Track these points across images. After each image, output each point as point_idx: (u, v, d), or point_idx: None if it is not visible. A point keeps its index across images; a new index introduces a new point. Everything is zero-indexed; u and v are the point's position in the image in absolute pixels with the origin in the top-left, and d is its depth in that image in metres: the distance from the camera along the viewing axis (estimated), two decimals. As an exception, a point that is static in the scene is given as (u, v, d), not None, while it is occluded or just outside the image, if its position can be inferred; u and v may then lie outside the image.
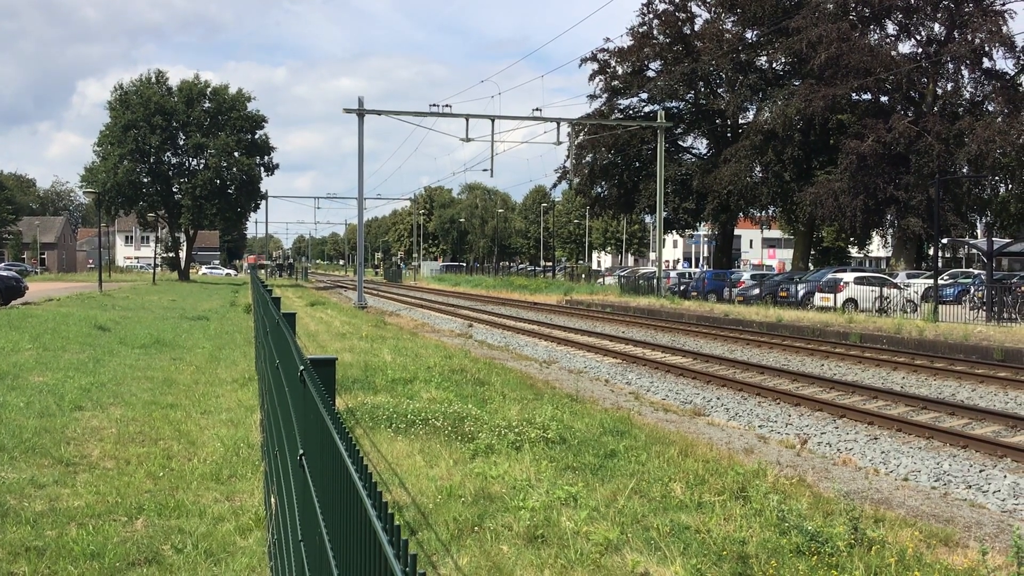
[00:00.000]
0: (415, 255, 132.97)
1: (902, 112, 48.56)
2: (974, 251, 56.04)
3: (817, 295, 38.41)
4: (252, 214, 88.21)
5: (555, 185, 68.59)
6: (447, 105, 45.84)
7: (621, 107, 61.31)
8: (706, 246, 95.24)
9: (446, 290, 71.28)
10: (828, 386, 18.00)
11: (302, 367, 3.60)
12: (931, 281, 35.39)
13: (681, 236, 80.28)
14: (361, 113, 46.11)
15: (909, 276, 43.34)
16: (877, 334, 27.12)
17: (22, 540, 6.56)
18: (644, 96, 60.29)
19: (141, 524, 7.14)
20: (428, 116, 46.21)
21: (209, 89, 78.63)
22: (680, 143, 62.52)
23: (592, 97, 61.27)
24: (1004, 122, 45.64)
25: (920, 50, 50.51)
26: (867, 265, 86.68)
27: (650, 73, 59.86)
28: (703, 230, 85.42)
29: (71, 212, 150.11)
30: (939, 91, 49.54)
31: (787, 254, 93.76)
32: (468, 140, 47.08)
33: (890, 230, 54.96)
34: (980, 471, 11.22)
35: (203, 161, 78.10)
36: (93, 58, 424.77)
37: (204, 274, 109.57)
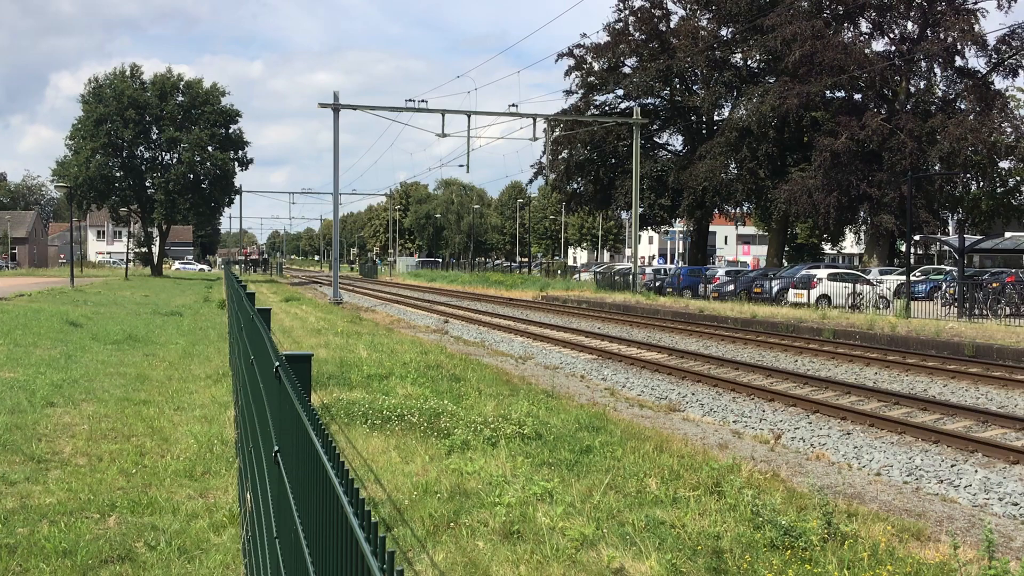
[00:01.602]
0: (391, 251, 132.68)
1: (875, 110, 48.89)
2: (946, 248, 56.59)
3: (791, 291, 38.66)
4: (226, 209, 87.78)
5: (531, 181, 68.61)
6: (423, 100, 45.80)
7: (597, 103, 61.40)
8: (681, 242, 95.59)
9: (422, 286, 71.15)
10: (802, 382, 18.11)
11: (277, 363, 3.58)
12: (903, 277, 35.68)
13: (656, 232, 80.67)
14: (336, 108, 45.92)
15: (882, 272, 43.69)
16: (850, 330, 27.33)
17: (-8, 538, 6.49)
18: (620, 92, 60.40)
19: (114, 521, 7.08)
20: (404, 111, 46.10)
21: (183, 83, 78.03)
22: (656, 140, 62.69)
23: (568, 93, 61.33)
24: (976, 120, 46.05)
25: (893, 48, 50.88)
26: (840, 261, 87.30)
27: (626, 70, 59.95)
28: (678, 226, 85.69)
29: (42, 207, 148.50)
30: (912, 89, 49.96)
31: (761, 250, 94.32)
32: (444, 136, 47.05)
33: (863, 227, 55.36)
34: (952, 466, 11.33)
35: (176, 155, 77.48)
36: (67, 51, 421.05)
37: (177, 269, 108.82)
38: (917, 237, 50.39)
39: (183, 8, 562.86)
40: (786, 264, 58.91)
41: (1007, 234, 59.15)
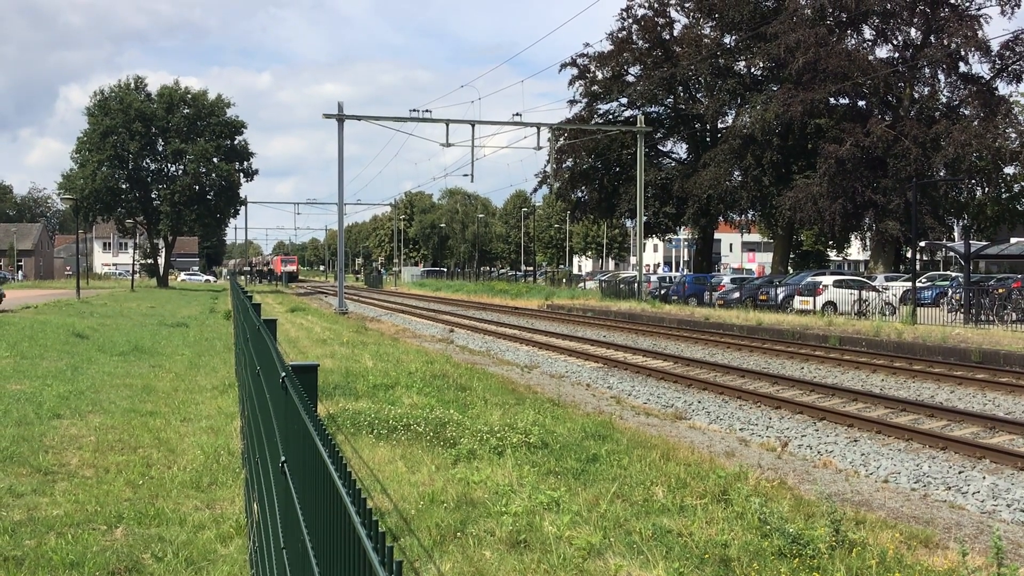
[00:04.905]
0: (396, 260, 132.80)
1: (879, 116, 48.87)
2: (951, 254, 56.46)
3: (796, 298, 38.58)
4: (232, 220, 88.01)
5: (536, 190, 68.69)
6: (427, 110, 45.90)
7: (601, 112, 61.45)
8: (686, 250, 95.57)
9: (427, 295, 71.18)
10: (808, 389, 18.07)
11: (284, 374, 3.59)
12: (909, 284, 35.62)
13: (661, 240, 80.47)
14: (341, 119, 46.03)
15: (887, 279, 43.60)
16: (856, 337, 27.27)
17: (0, 550, 6.49)
18: (624, 101, 60.41)
19: (121, 533, 7.08)
20: (408, 121, 46.19)
21: (188, 95, 78.35)
22: (660, 148, 62.72)
23: (572, 102, 61.43)
24: (980, 126, 46.03)
25: (897, 55, 50.89)
26: (846, 268, 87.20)
27: (629, 78, 59.99)
28: (683, 234, 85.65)
29: (48, 219, 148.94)
30: (916, 95, 49.92)
31: (766, 257, 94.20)
32: (448, 145, 47.08)
33: (868, 233, 55.28)
34: (959, 472, 11.29)
35: (182, 167, 77.75)
36: (76, 63, 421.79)
37: (183, 280, 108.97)
38: (923, 243, 50.33)
39: (192, 21, 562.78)
40: (791, 271, 58.82)
41: (1013, 240, 59.07)
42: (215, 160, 77.45)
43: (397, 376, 16.28)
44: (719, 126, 58.76)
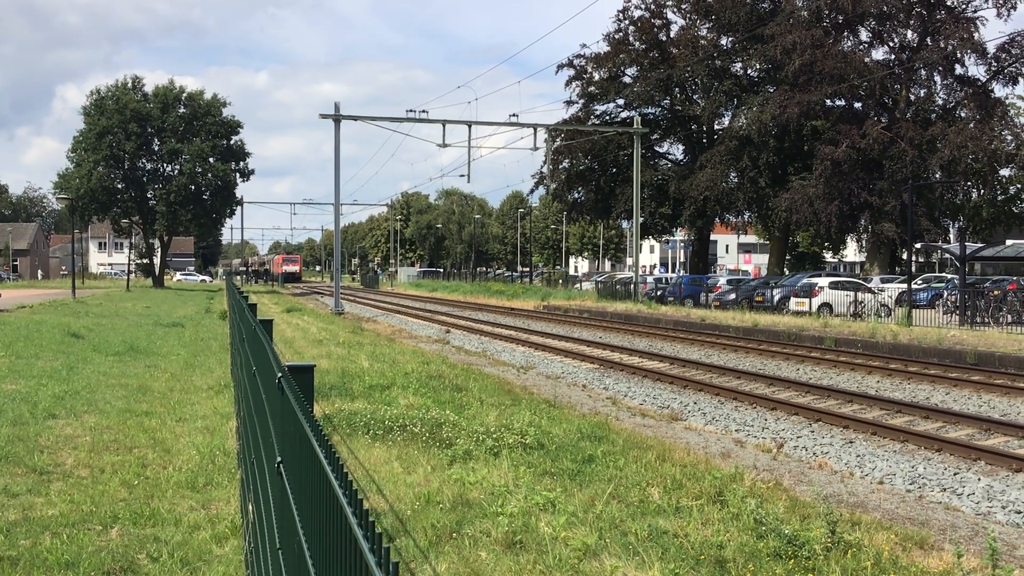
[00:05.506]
0: (392, 261, 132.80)
1: (876, 118, 48.97)
2: (947, 256, 56.54)
3: (792, 300, 38.62)
4: (228, 220, 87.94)
5: (532, 191, 68.74)
6: (424, 111, 45.93)
7: (598, 113, 61.52)
8: (682, 251, 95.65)
9: (423, 296, 71.16)
10: (804, 390, 18.09)
11: (280, 374, 3.59)
12: (905, 285, 35.67)
13: (658, 241, 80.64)
14: (337, 119, 46.02)
15: (883, 280, 43.67)
16: (852, 338, 27.29)
17: (-5, 550, 6.48)
18: (620, 102, 60.51)
19: (116, 533, 7.08)
20: (405, 122, 46.19)
21: (184, 95, 78.24)
22: (656, 149, 62.79)
23: (569, 103, 61.47)
24: (976, 128, 46.14)
25: (893, 57, 51.00)
26: (842, 270, 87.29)
27: (626, 79, 60.07)
28: (679, 235, 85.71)
29: (44, 218, 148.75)
30: (912, 97, 50.04)
31: (763, 259, 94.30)
32: (445, 146, 47.09)
33: (864, 235, 55.38)
34: (954, 474, 11.31)
35: (178, 167, 77.62)
36: (74, 63, 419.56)
37: (179, 280, 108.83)
38: (918, 245, 50.37)
39: (191, 20, 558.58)
40: (787, 273, 58.84)
41: (1008, 242, 59.16)
42: (211, 160, 77.32)
43: (393, 377, 16.27)
44: (715, 127, 58.83)
